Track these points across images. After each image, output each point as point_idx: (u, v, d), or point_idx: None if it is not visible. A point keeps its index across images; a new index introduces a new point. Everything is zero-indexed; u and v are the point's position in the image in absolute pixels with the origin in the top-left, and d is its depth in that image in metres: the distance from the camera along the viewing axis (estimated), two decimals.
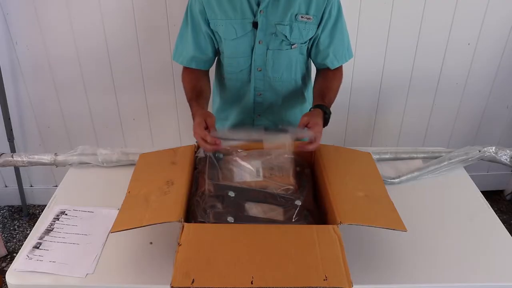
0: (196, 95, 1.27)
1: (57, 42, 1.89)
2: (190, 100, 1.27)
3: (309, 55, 1.36)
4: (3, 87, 1.93)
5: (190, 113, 1.23)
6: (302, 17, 1.23)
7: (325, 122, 1.20)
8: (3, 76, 1.92)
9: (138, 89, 2.04)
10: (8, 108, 1.99)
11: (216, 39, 1.30)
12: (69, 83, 2.00)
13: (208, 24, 1.26)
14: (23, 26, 1.85)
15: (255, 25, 1.24)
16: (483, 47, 2.00)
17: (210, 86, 1.38)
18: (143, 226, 0.91)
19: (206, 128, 1.10)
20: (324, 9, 1.23)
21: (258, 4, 1.22)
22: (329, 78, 1.34)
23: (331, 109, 1.26)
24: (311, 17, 1.24)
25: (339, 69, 1.37)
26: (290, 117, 1.45)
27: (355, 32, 1.91)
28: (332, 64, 1.32)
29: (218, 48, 1.33)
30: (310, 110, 1.23)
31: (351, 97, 2.11)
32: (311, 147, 1.10)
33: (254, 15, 1.23)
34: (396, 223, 0.95)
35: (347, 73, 2.00)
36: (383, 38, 1.95)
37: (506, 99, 2.18)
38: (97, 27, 1.86)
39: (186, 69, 1.36)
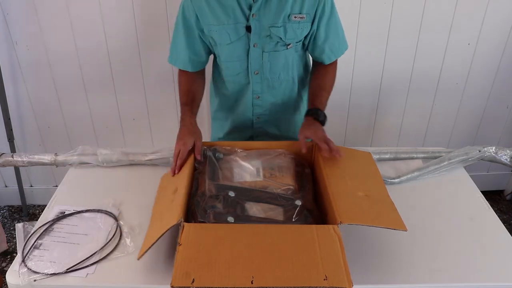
0: (191, 99, 1.30)
1: (57, 42, 1.89)
2: (183, 104, 1.30)
3: (306, 49, 1.36)
4: (3, 87, 1.93)
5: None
6: (295, 17, 1.22)
7: (321, 123, 1.24)
8: (3, 76, 1.92)
9: (138, 89, 2.04)
10: (8, 108, 1.99)
11: (211, 44, 1.31)
12: (69, 83, 2.00)
13: (202, 30, 1.27)
14: (23, 26, 1.85)
15: (248, 29, 1.23)
16: (483, 47, 2.00)
17: (203, 87, 1.40)
18: (156, 241, 0.91)
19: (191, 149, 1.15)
20: (317, 6, 1.23)
21: (250, 8, 1.21)
22: (321, 75, 1.36)
23: (329, 106, 1.27)
24: (305, 16, 1.23)
25: (332, 63, 1.37)
26: (287, 115, 1.45)
27: (355, 32, 1.91)
28: (329, 58, 1.33)
29: (214, 52, 1.35)
30: (305, 117, 1.26)
31: (351, 97, 2.11)
32: (334, 153, 1.11)
33: (247, 19, 1.22)
34: (396, 223, 0.95)
35: (347, 73, 2.01)
36: (383, 38, 1.95)
37: (506, 99, 2.18)
38: (97, 27, 1.86)
39: (182, 71, 1.37)
